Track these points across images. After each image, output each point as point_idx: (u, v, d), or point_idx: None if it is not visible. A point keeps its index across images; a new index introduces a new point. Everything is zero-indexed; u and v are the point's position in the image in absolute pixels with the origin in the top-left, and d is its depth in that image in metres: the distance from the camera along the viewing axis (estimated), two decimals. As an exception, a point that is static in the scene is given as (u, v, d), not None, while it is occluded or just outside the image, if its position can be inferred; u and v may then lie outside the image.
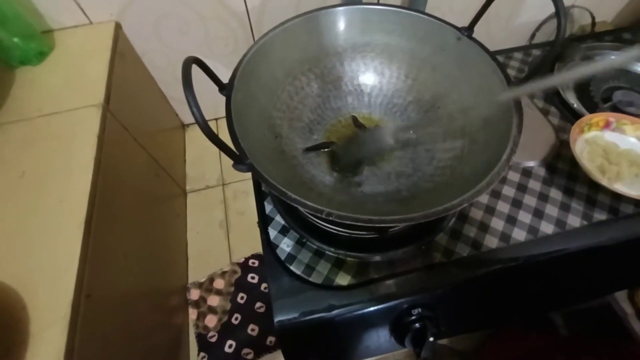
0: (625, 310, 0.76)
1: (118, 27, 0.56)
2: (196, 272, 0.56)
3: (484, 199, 0.45)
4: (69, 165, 0.36)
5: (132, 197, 0.46)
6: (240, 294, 0.52)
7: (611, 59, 0.26)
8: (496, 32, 0.74)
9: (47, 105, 0.42)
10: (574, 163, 0.45)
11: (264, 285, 0.54)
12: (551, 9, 0.30)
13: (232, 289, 0.53)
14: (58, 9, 0.53)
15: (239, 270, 0.54)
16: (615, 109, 0.54)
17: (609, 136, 0.48)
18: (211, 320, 0.51)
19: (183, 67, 0.27)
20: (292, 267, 0.40)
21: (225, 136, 0.31)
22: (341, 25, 0.45)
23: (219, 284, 0.53)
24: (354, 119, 0.46)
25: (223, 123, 0.84)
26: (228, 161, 0.29)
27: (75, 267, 0.29)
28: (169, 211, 0.58)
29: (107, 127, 0.41)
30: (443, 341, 1.07)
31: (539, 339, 0.72)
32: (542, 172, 0.47)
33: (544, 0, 0.30)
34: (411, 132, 0.43)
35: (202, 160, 0.72)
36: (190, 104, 0.25)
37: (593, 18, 0.65)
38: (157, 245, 0.51)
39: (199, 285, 0.54)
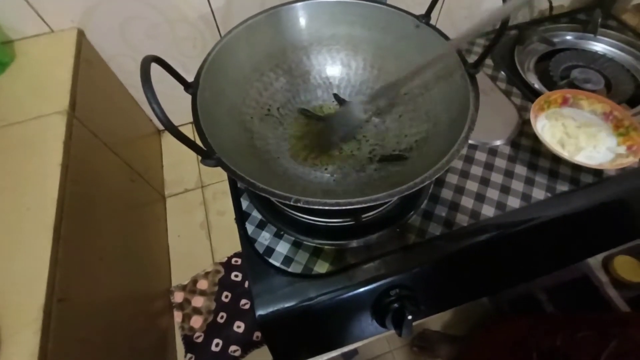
0: (600, 279, 0.79)
1: (81, 33, 0.55)
2: (179, 275, 0.56)
3: (454, 179, 0.46)
4: (36, 172, 0.35)
5: (107, 203, 0.46)
6: (225, 293, 0.52)
7: (503, 7, 0.29)
8: (459, 21, 0.76)
9: (11, 114, 0.42)
10: (536, 139, 0.47)
11: (247, 282, 0.54)
12: None
13: (216, 288, 0.53)
14: (17, 19, 0.52)
15: (222, 269, 0.54)
16: (573, 86, 0.56)
17: (567, 112, 0.50)
18: (196, 321, 0.50)
19: (142, 66, 0.28)
20: (270, 260, 0.41)
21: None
22: (304, 20, 0.46)
23: (203, 284, 0.53)
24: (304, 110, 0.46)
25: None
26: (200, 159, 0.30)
27: (46, 272, 0.28)
28: (148, 216, 0.58)
29: (74, 133, 0.40)
30: (435, 327, 1.10)
31: (528, 320, 0.74)
32: (507, 150, 0.49)
33: None
34: (378, 103, 0.44)
35: (180, 165, 0.71)
36: (149, 100, 0.25)
37: (550, 2, 0.68)
38: (137, 249, 0.51)
39: (183, 288, 0.54)
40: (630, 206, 0.47)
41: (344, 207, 0.29)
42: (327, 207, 0.29)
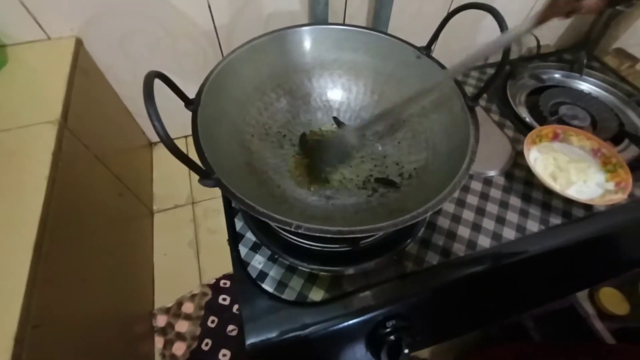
0: (587, 310, 0.80)
1: (79, 42, 0.54)
2: (163, 297, 0.53)
3: (450, 207, 0.47)
4: (19, 184, 0.33)
5: (93, 219, 0.43)
6: (211, 317, 0.50)
7: (503, 37, 0.30)
8: (456, 53, 0.80)
9: (-1, 121, 0.40)
10: (529, 171, 0.48)
11: (236, 306, 0.52)
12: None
13: (202, 312, 0.50)
14: (12, 24, 0.51)
15: (209, 292, 0.52)
16: (562, 121, 0.59)
17: (558, 146, 0.52)
18: (179, 348, 0.47)
19: (145, 81, 0.27)
20: (264, 285, 0.39)
21: (194, 153, 0.31)
22: (308, 43, 0.46)
23: (188, 307, 0.50)
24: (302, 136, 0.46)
25: (192, 140, 0.82)
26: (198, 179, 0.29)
27: (21, 295, 0.26)
28: (134, 232, 0.55)
29: (64, 144, 0.39)
30: (424, 355, 1.07)
31: (516, 348, 0.74)
32: (501, 180, 0.50)
33: (495, 25, 0.33)
34: (376, 128, 0.45)
35: (171, 179, 0.69)
36: (151, 117, 0.25)
37: (538, 41, 0.72)
38: (121, 269, 0.48)
39: (166, 311, 0.51)
40: (619, 241, 0.48)
41: (346, 236, 0.28)
42: (329, 235, 0.28)
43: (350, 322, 0.38)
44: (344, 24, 0.49)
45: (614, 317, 0.78)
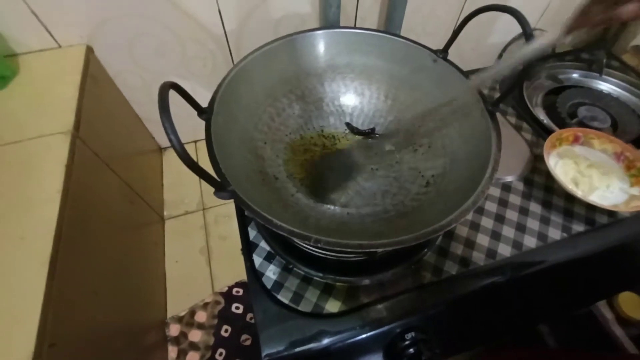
0: (605, 316, 0.78)
1: (89, 50, 0.54)
2: (176, 305, 0.52)
3: (469, 215, 0.45)
4: (33, 197, 0.33)
5: (104, 228, 0.43)
6: (225, 327, 0.49)
7: (530, 48, 0.29)
8: (467, 53, 0.78)
9: (9, 132, 0.39)
10: (549, 176, 0.47)
11: (249, 315, 0.51)
12: (515, 31, 0.32)
13: (215, 321, 0.50)
14: (23, 32, 0.51)
15: (222, 300, 0.51)
16: (581, 123, 0.57)
17: (579, 150, 0.50)
18: (193, 358, 0.47)
19: (160, 93, 0.26)
20: (279, 296, 0.38)
21: (203, 159, 0.30)
22: (320, 48, 0.46)
23: (201, 316, 0.50)
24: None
25: (202, 145, 0.82)
26: (208, 184, 0.28)
27: (37, 313, 0.25)
28: (145, 240, 0.55)
29: (76, 154, 0.38)
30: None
31: (529, 353, 0.72)
32: (520, 186, 0.48)
33: (509, 23, 0.32)
34: (397, 138, 0.43)
35: (181, 184, 0.69)
36: (167, 131, 0.24)
37: (553, 40, 0.70)
38: (132, 278, 0.47)
39: (179, 320, 0.50)
40: (644, 248, 0.46)
41: (367, 250, 0.27)
42: (349, 249, 0.27)
43: (368, 334, 0.37)
44: (357, 27, 0.48)
45: (634, 323, 0.76)
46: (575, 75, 0.66)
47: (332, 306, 0.38)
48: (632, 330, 0.75)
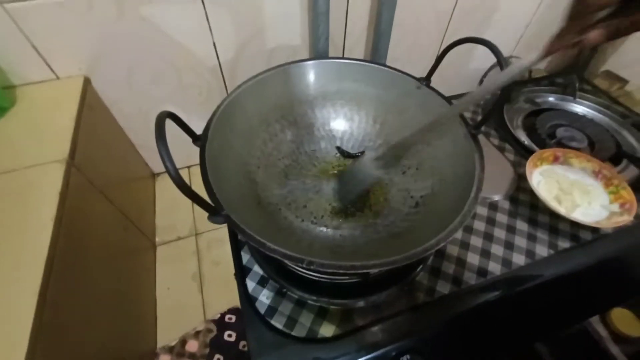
0: (600, 333, 0.77)
1: (87, 81, 0.55)
2: (166, 334, 0.51)
3: (458, 234, 0.46)
4: (26, 226, 0.33)
5: (96, 256, 0.43)
6: (217, 356, 0.48)
7: (508, 71, 0.31)
8: (449, 78, 0.82)
9: (5, 161, 0.40)
10: (533, 195, 0.48)
11: (242, 343, 0.50)
12: (494, 58, 0.34)
13: (207, 350, 0.48)
14: (23, 65, 0.52)
15: (214, 328, 0.50)
16: (560, 144, 0.60)
17: (559, 169, 0.52)
18: (184, 390, 0.45)
19: (157, 122, 0.27)
20: (272, 321, 0.38)
21: (196, 184, 0.31)
22: (311, 76, 0.48)
23: (192, 346, 0.48)
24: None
25: (195, 170, 0.83)
26: (201, 209, 0.28)
27: (24, 347, 0.25)
28: (137, 267, 0.54)
29: (70, 182, 0.39)
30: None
31: None
32: (506, 205, 0.50)
33: (488, 51, 0.35)
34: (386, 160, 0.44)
35: (173, 210, 0.69)
36: (164, 159, 0.25)
37: (529, 66, 0.75)
38: (123, 306, 0.46)
39: (170, 350, 0.49)
40: (629, 262, 0.48)
41: (360, 271, 0.28)
42: (342, 271, 0.28)
43: (364, 358, 0.36)
44: (345, 57, 0.51)
45: (629, 340, 0.76)
46: (551, 99, 0.70)
47: (327, 330, 0.37)
48: (628, 348, 0.75)
